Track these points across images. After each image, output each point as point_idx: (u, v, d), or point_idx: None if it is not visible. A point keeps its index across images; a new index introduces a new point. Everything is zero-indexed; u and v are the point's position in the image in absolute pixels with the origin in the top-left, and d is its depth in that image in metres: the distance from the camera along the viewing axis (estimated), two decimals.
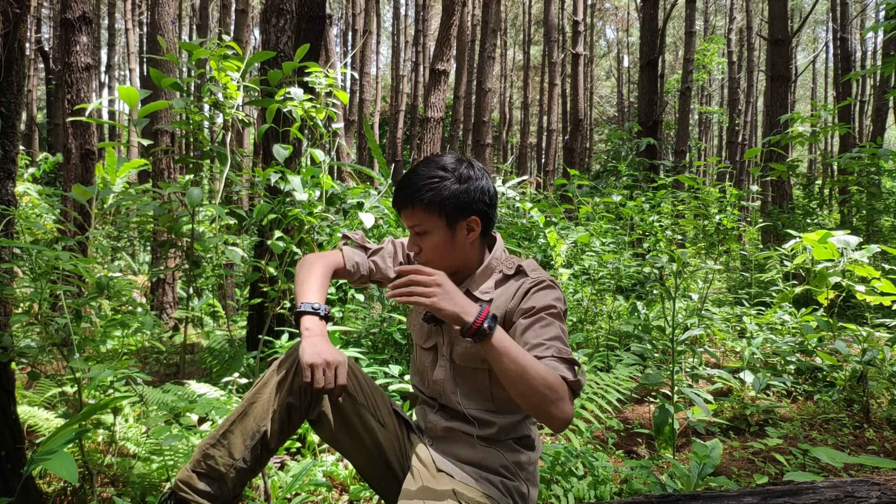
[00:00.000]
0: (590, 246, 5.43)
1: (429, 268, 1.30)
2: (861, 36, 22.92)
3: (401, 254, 1.66)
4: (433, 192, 1.43)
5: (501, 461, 1.47)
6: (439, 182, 1.44)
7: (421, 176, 1.45)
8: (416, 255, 1.50)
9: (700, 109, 26.79)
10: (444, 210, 1.43)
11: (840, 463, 1.76)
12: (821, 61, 31.51)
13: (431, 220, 1.44)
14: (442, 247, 1.46)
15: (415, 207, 1.44)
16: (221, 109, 2.55)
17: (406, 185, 1.45)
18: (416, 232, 1.46)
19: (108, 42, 23.02)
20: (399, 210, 1.47)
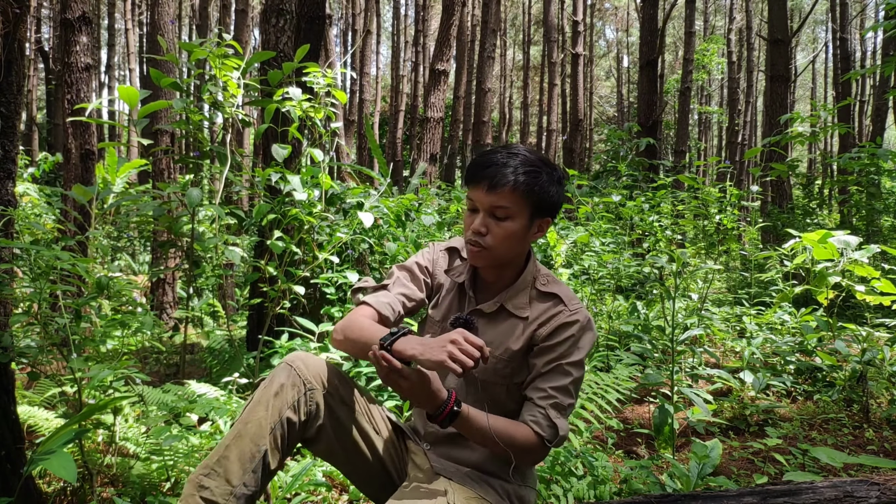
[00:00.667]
0: (589, 246, 5.43)
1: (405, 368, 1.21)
2: (861, 36, 22.94)
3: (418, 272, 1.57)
4: (533, 178, 1.38)
5: (502, 464, 1.47)
6: (539, 172, 1.39)
7: (523, 160, 1.38)
8: (477, 235, 1.40)
9: (700, 109, 26.80)
10: (535, 201, 1.39)
11: (839, 463, 1.76)
12: (820, 61, 31.52)
13: (519, 207, 1.38)
14: (514, 237, 1.40)
15: (510, 189, 1.36)
16: (221, 109, 2.55)
17: (504, 164, 1.37)
18: (497, 215, 1.38)
19: (107, 42, 23.03)
20: (490, 187, 1.36)
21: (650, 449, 3.14)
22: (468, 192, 1.43)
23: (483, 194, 1.38)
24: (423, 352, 1.21)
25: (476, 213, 1.41)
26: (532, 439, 1.37)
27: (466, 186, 1.44)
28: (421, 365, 1.22)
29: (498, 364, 1.45)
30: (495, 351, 1.45)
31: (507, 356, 1.45)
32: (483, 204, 1.39)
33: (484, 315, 1.49)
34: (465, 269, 1.55)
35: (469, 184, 1.42)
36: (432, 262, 1.59)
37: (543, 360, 1.42)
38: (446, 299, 1.57)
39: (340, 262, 3.28)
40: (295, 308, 3.56)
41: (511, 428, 1.36)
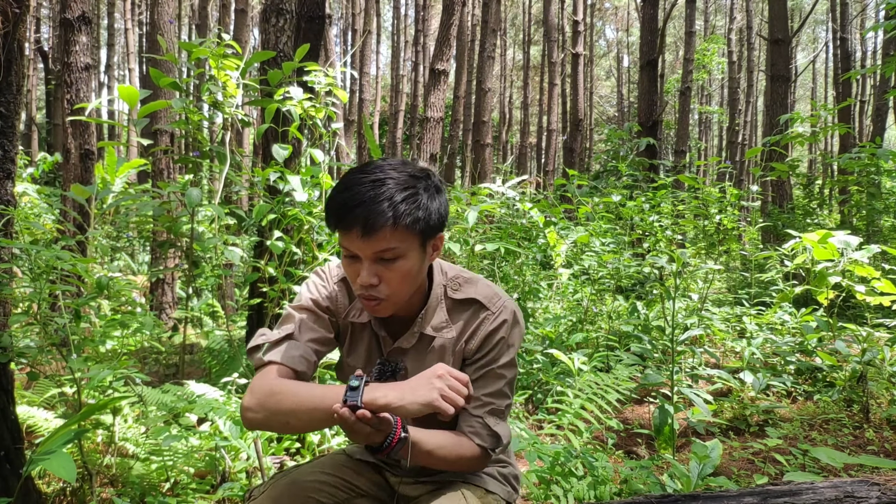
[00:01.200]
0: (589, 246, 5.43)
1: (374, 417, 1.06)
2: (861, 36, 22.93)
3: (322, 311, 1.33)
4: (413, 204, 1.15)
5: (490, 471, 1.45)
6: (416, 192, 1.16)
7: (394, 183, 1.14)
8: (368, 289, 1.18)
9: (700, 109, 26.80)
10: (421, 228, 1.17)
11: (840, 463, 1.76)
12: (821, 61, 31.52)
13: (407, 242, 1.16)
14: (411, 275, 1.20)
15: (390, 227, 1.12)
16: (221, 109, 2.54)
17: (373, 197, 1.12)
18: (385, 258, 1.16)
19: (107, 42, 23.03)
20: (365, 232, 1.12)
21: (650, 449, 3.14)
22: (340, 240, 1.18)
23: (359, 240, 1.13)
24: (402, 396, 1.08)
25: (356, 261, 1.18)
26: (476, 451, 1.28)
27: (334, 231, 1.19)
28: (398, 413, 1.08)
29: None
30: None
31: None
32: (363, 252, 1.15)
33: (405, 351, 1.32)
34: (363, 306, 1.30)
35: (337, 229, 1.17)
36: (331, 299, 1.34)
37: (474, 369, 1.31)
38: (361, 341, 1.37)
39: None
40: None
41: (457, 446, 1.26)
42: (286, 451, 2.77)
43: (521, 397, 3.45)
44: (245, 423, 1.19)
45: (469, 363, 1.32)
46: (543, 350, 3.92)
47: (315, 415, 1.11)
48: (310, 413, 1.12)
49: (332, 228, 1.20)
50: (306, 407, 1.13)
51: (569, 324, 4.82)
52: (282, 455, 2.70)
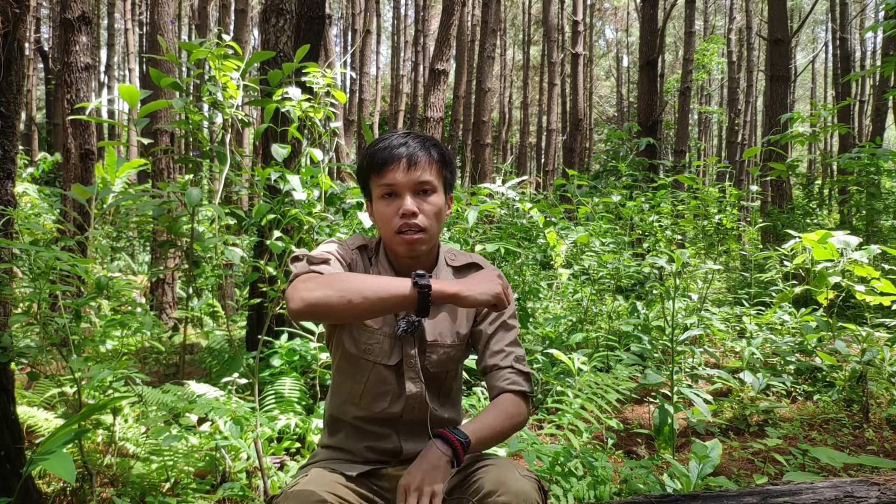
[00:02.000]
0: (589, 246, 5.43)
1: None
2: (860, 36, 22.95)
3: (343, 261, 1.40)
4: (441, 151, 1.38)
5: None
6: (440, 146, 1.40)
7: (423, 138, 1.38)
8: (410, 218, 1.32)
9: (700, 109, 26.80)
10: (447, 175, 1.40)
11: (839, 463, 1.76)
12: (820, 61, 31.52)
13: (438, 180, 1.37)
14: (440, 213, 1.38)
15: (428, 161, 1.35)
16: (220, 109, 2.54)
17: (409, 143, 1.35)
18: (424, 189, 1.35)
19: (107, 42, 23.02)
20: (409, 164, 1.32)
21: (650, 449, 3.14)
22: (377, 180, 1.35)
23: (403, 174, 1.32)
24: (469, 287, 1.21)
25: (396, 199, 1.34)
26: (519, 400, 1.40)
27: (374, 175, 1.36)
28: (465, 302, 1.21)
29: (452, 351, 1.44)
30: (446, 339, 1.43)
31: (458, 341, 1.45)
32: (406, 184, 1.33)
33: None
34: (384, 268, 1.43)
35: (380, 169, 1.34)
36: (352, 262, 1.43)
37: (488, 323, 1.45)
38: None
39: None
40: None
41: (503, 412, 1.37)
42: (286, 451, 2.77)
43: None
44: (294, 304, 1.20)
45: (482, 320, 1.46)
46: (543, 350, 3.92)
47: (382, 294, 1.18)
48: (377, 291, 1.18)
49: (375, 168, 1.35)
50: (374, 285, 1.20)
51: (569, 324, 4.82)
52: (282, 455, 2.70)
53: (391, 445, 1.43)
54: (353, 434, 1.45)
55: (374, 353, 1.41)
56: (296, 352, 3.28)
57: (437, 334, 1.43)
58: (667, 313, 4.49)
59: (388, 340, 1.41)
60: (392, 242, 1.37)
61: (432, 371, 1.43)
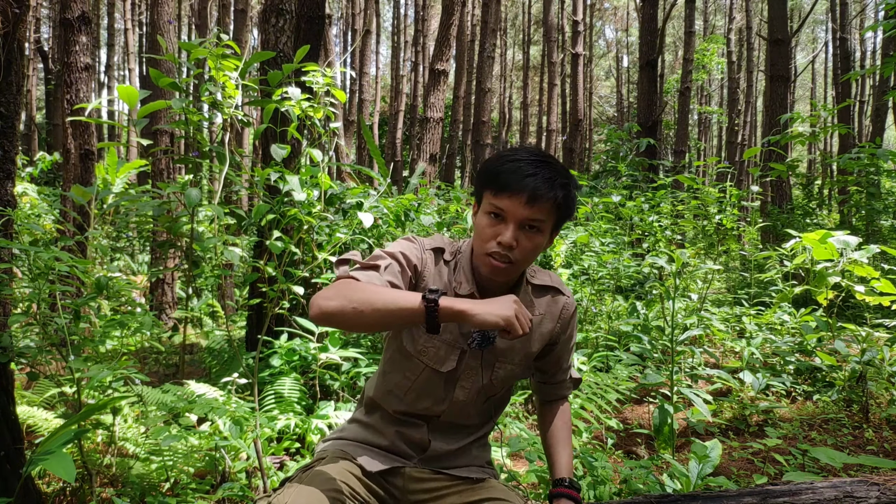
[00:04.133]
0: (589, 246, 5.43)
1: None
2: (860, 36, 22.95)
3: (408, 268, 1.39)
4: (568, 192, 1.30)
5: (486, 458, 1.54)
6: (569, 185, 1.30)
7: (556, 171, 1.28)
8: (505, 249, 1.28)
9: (699, 109, 26.80)
10: (561, 214, 1.32)
11: (839, 463, 1.76)
12: (820, 61, 31.52)
13: (549, 220, 1.30)
14: (538, 250, 1.32)
15: (549, 203, 1.26)
16: (220, 109, 2.54)
17: (540, 174, 1.26)
18: (531, 226, 1.28)
19: (107, 42, 23.03)
20: (531, 199, 1.25)
21: (650, 449, 3.14)
22: (493, 200, 1.29)
23: (520, 207, 1.26)
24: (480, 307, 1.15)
25: (501, 224, 1.29)
26: (568, 406, 1.61)
27: (492, 192, 1.30)
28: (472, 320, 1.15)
29: (517, 369, 1.45)
30: (513, 357, 1.43)
31: (526, 359, 1.46)
32: (517, 216, 1.27)
33: None
34: (464, 277, 1.40)
35: (499, 191, 1.27)
36: (422, 262, 1.41)
37: (560, 346, 1.51)
38: None
39: None
40: (294, 308, 3.56)
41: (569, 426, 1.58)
42: (286, 451, 2.77)
43: (521, 397, 3.45)
44: (314, 310, 1.21)
45: (554, 343, 1.50)
46: None
47: (391, 306, 1.16)
48: (387, 304, 1.17)
49: (495, 189, 1.28)
50: (387, 298, 1.18)
51: None
52: (282, 455, 2.70)
53: (420, 437, 1.45)
54: (388, 419, 1.48)
55: (429, 356, 1.41)
56: (295, 352, 3.28)
57: (507, 351, 1.43)
58: (666, 313, 4.49)
59: (445, 347, 1.40)
60: (479, 259, 1.35)
61: (496, 385, 1.45)
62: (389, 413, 1.47)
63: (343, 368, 3.26)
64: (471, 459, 1.49)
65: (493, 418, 1.54)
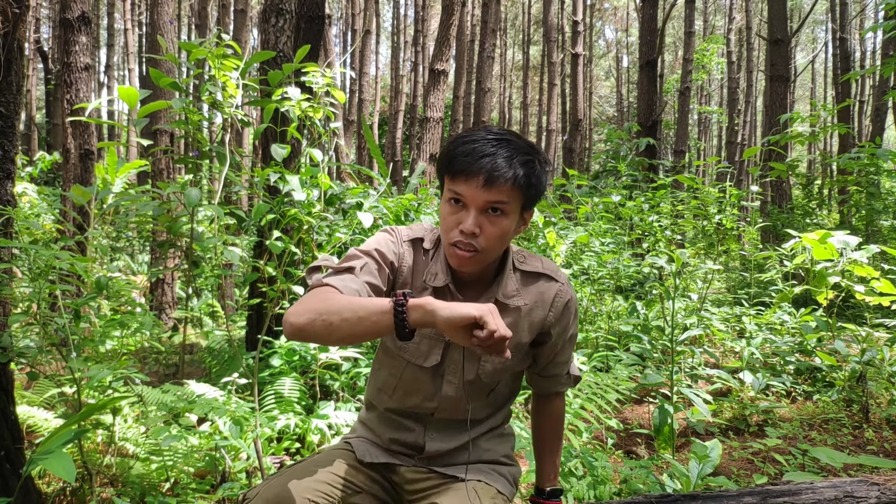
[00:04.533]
0: (589, 246, 5.43)
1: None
2: (860, 36, 22.95)
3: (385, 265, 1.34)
4: (528, 169, 1.22)
5: (502, 451, 1.47)
6: (533, 161, 1.23)
7: (516, 147, 1.22)
8: (468, 237, 1.22)
9: (699, 109, 26.80)
10: (527, 194, 1.24)
11: (839, 463, 1.76)
12: (820, 61, 31.52)
13: (513, 201, 1.22)
14: (506, 235, 1.25)
15: (510, 184, 1.19)
16: (220, 109, 2.54)
17: (497, 154, 1.19)
18: (493, 209, 1.21)
19: (107, 42, 23.02)
20: (487, 181, 1.18)
21: (650, 449, 3.14)
22: (451, 185, 1.23)
23: (478, 190, 1.19)
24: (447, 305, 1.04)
25: (462, 210, 1.23)
26: (562, 399, 1.55)
27: (448, 177, 1.24)
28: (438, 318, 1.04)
29: (509, 362, 1.38)
30: None
31: (518, 352, 1.39)
32: (476, 200, 1.20)
33: None
34: (439, 268, 1.34)
35: (455, 176, 1.22)
36: (398, 256, 1.35)
37: (555, 336, 1.41)
38: None
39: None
40: None
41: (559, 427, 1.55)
42: (286, 451, 2.77)
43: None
44: (286, 328, 1.15)
45: (547, 332, 1.40)
46: None
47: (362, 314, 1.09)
48: (356, 313, 1.09)
49: (451, 173, 1.23)
50: (355, 306, 1.11)
51: None
52: (282, 455, 2.70)
53: (414, 440, 1.42)
54: (383, 421, 1.46)
55: (410, 352, 1.37)
56: (295, 352, 3.28)
57: None
58: (666, 313, 4.49)
59: (427, 342, 1.36)
60: (446, 250, 1.29)
61: (485, 380, 1.39)
62: (382, 412, 1.45)
63: (343, 368, 3.26)
64: (480, 454, 1.44)
65: (503, 408, 1.49)
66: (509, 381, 1.47)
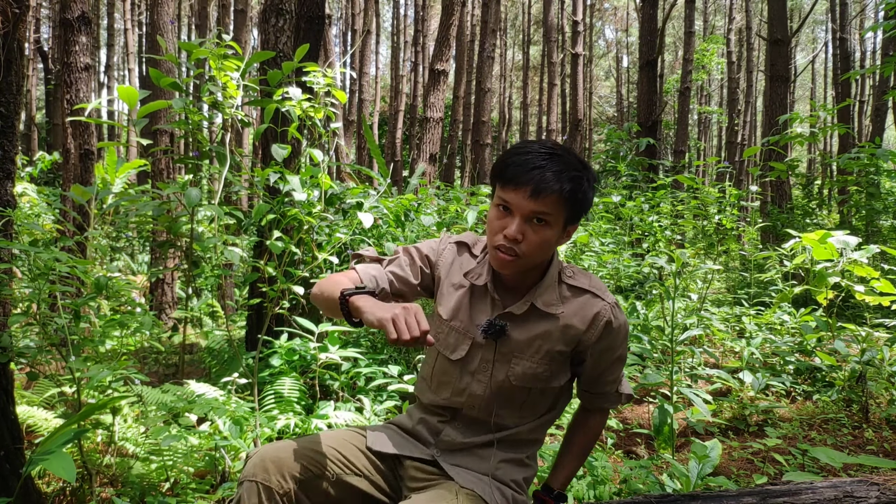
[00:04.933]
0: (589, 246, 5.43)
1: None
2: (860, 36, 22.95)
3: (418, 259, 1.49)
4: (577, 185, 1.29)
5: (513, 476, 1.45)
6: (581, 178, 1.30)
7: (566, 163, 1.29)
8: (511, 242, 1.30)
9: (699, 109, 26.80)
10: (572, 208, 1.31)
11: (839, 463, 1.76)
12: (820, 61, 31.52)
13: (557, 214, 1.29)
14: (548, 244, 1.32)
15: (556, 197, 1.26)
16: (221, 109, 2.54)
17: (547, 167, 1.27)
18: (537, 219, 1.28)
19: (106, 42, 23.02)
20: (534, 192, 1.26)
21: (650, 449, 3.14)
22: (501, 192, 1.31)
23: (525, 199, 1.27)
24: (371, 308, 1.21)
25: (508, 216, 1.31)
26: (605, 416, 1.56)
27: (499, 185, 1.32)
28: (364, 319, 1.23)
29: (536, 366, 1.39)
30: (533, 353, 1.39)
31: (547, 358, 1.40)
32: (522, 209, 1.28)
33: (514, 317, 1.40)
34: (484, 269, 1.44)
35: (505, 184, 1.30)
36: (437, 253, 1.49)
37: (608, 361, 1.45)
38: (454, 297, 1.46)
39: (340, 262, 3.28)
40: (294, 308, 3.56)
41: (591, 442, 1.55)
42: None
43: None
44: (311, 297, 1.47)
45: (585, 350, 1.42)
46: None
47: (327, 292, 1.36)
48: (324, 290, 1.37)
49: (502, 181, 1.32)
50: (328, 284, 1.37)
51: None
52: None
53: (435, 423, 1.49)
54: (420, 408, 1.55)
55: (440, 342, 1.46)
56: (295, 352, 3.28)
57: (524, 346, 1.39)
58: (666, 313, 4.49)
59: (455, 334, 1.44)
60: (490, 251, 1.37)
61: (514, 383, 1.40)
62: (424, 405, 1.53)
63: (343, 368, 3.26)
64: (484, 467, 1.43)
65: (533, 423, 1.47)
66: (547, 394, 1.45)
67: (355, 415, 2.78)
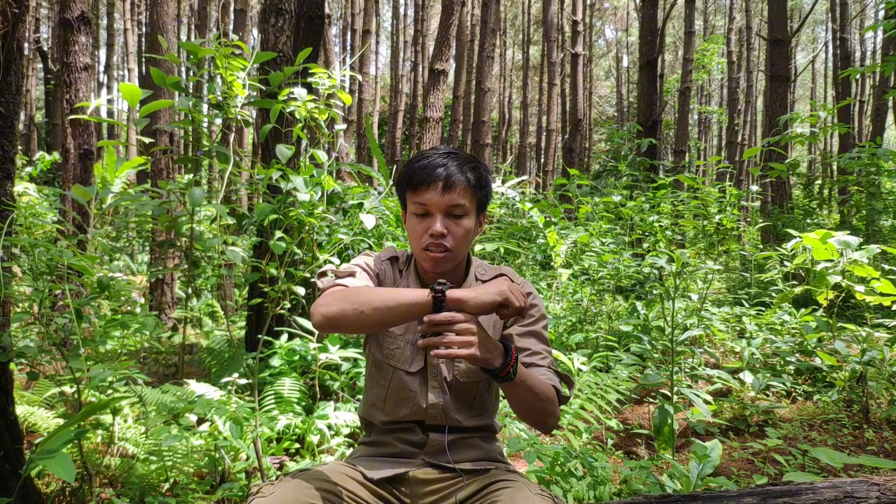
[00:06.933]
0: (589, 246, 5.43)
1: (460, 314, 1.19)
2: (860, 36, 22.96)
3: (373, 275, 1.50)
4: (476, 174, 1.41)
5: (499, 451, 1.53)
6: (478, 167, 1.42)
7: (462, 158, 1.41)
8: (439, 238, 1.37)
9: (699, 109, 26.80)
10: (480, 195, 1.42)
11: (839, 463, 1.76)
12: (820, 61, 31.52)
13: (470, 202, 1.40)
14: (469, 235, 1.42)
15: (464, 186, 1.38)
16: (225, 109, 2.54)
17: (448, 164, 1.38)
18: (455, 213, 1.38)
19: (106, 42, 23.00)
20: (445, 187, 1.36)
21: (650, 449, 3.14)
22: (414, 198, 1.40)
23: (439, 195, 1.37)
24: (473, 293, 1.21)
25: (428, 217, 1.39)
26: (553, 393, 1.43)
27: (410, 192, 1.40)
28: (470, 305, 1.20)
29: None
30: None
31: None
32: (439, 205, 1.37)
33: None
34: (412, 281, 1.50)
35: (417, 188, 1.38)
36: (382, 272, 1.52)
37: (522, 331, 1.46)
38: None
39: (340, 262, 3.28)
40: (294, 308, 3.56)
41: (543, 384, 1.39)
42: (286, 452, 2.77)
43: None
44: (315, 319, 1.30)
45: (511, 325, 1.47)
46: None
47: (390, 303, 1.24)
48: (386, 302, 1.25)
49: (413, 186, 1.39)
50: (384, 296, 1.27)
51: (568, 324, 4.82)
52: (281, 455, 2.70)
53: (417, 438, 1.48)
54: (383, 432, 1.52)
55: (396, 358, 1.48)
56: (295, 352, 3.28)
57: None
58: (667, 313, 4.49)
59: (410, 347, 1.47)
60: (419, 257, 1.44)
61: (462, 381, 1.45)
62: (379, 426, 1.51)
63: (343, 368, 3.26)
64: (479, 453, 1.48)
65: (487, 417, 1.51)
66: (490, 384, 1.50)
67: (355, 415, 2.78)
